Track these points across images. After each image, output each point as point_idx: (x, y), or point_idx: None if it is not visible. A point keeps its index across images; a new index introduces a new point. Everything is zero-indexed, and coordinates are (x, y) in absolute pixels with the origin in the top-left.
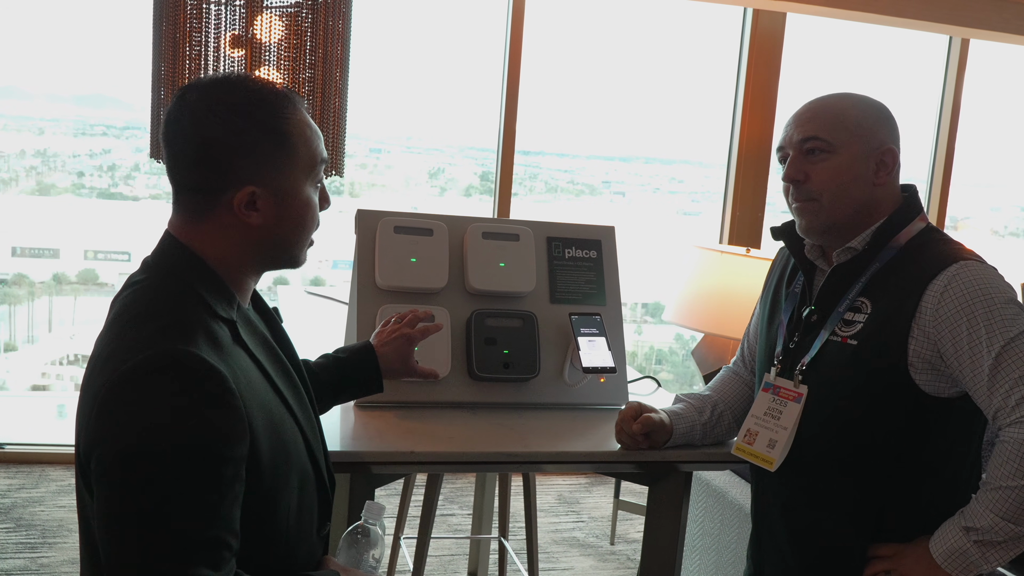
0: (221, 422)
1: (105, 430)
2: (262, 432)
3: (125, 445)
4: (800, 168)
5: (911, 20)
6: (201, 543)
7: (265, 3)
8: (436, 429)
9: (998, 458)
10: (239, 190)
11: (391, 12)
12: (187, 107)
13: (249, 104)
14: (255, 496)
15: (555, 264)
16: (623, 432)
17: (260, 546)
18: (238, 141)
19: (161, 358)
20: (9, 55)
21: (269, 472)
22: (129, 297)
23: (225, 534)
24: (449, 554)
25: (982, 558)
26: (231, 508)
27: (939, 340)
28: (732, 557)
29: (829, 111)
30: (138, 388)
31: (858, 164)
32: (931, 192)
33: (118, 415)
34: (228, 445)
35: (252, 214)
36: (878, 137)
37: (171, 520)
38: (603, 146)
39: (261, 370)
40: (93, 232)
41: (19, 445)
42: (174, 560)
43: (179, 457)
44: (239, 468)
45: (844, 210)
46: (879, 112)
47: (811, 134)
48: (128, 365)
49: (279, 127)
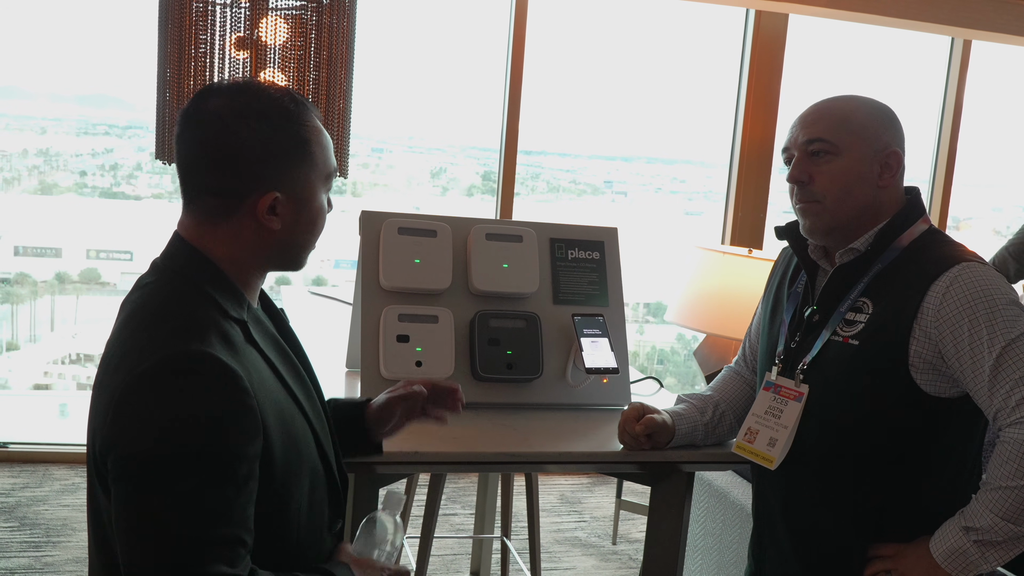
0: (237, 421)
1: (122, 431)
2: (274, 430)
3: (143, 445)
4: (805, 169)
5: (913, 21)
6: (217, 541)
7: (270, 5)
8: (439, 429)
9: (998, 458)
10: (263, 195)
11: (394, 12)
12: (211, 112)
13: (275, 111)
14: (267, 493)
15: (558, 265)
16: (626, 433)
17: (271, 541)
18: (265, 147)
19: (176, 359)
20: (11, 55)
21: (281, 469)
22: (140, 299)
23: (241, 531)
24: (452, 553)
25: (982, 558)
26: (246, 506)
27: (940, 341)
28: (734, 557)
29: (835, 113)
30: (154, 389)
31: (862, 166)
32: (933, 192)
33: (135, 416)
34: (243, 444)
35: (273, 219)
36: (883, 139)
37: (188, 518)
38: (605, 146)
39: (272, 369)
40: (95, 231)
41: (22, 444)
42: (191, 558)
43: (196, 456)
44: (253, 466)
45: (848, 212)
46: (884, 115)
47: (816, 136)
48: (143, 366)
49: (301, 134)
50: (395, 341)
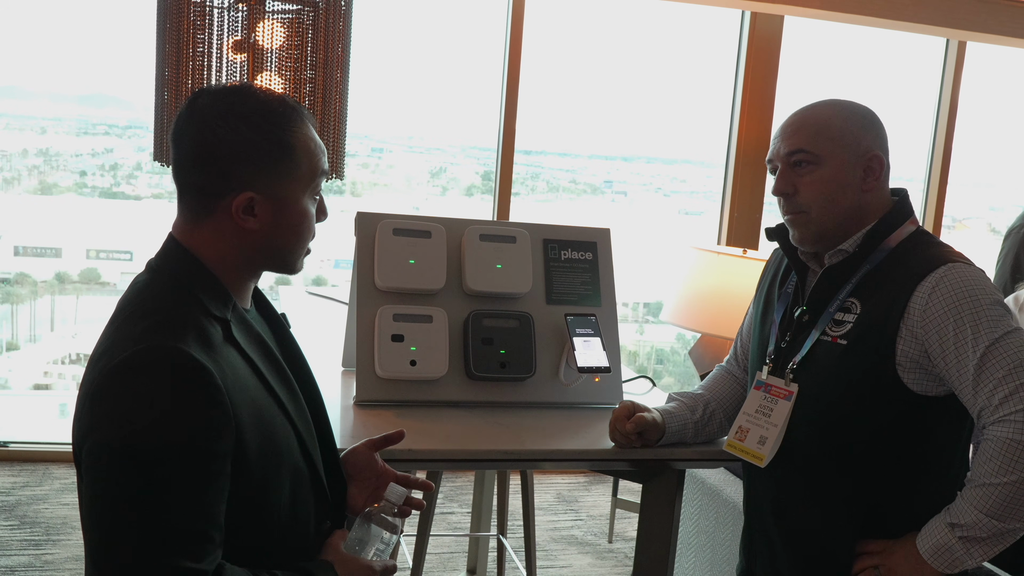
0: (206, 417)
1: (94, 422)
2: (250, 428)
3: (112, 437)
4: (789, 181)
5: (907, 23)
6: (183, 535)
7: (267, 8)
8: (434, 428)
9: (982, 456)
10: (238, 195)
11: (392, 12)
12: (197, 111)
13: (257, 113)
14: (244, 491)
15: (551, 265)
16: (616, 431)
17: (250, 539)
18: (242, 147)
19: (149, 353)
20: (11, 54)
21: (258, 467)
22: (127, 296)
23: (207, 527)
24: (448, 552)
25: (966, 554)
26: (215, 502)
27: (926, 340)
28: (726, 554)
29: (813, 122)
30: (126, 382)
31: (844, 173)
32: (928, 192)
33: (106, 408)
34: (212, 440)
35: (249, 219)
36: (863, 143)
37: (154, 512)
38: (604, 146)
39: (253, 368)
40: (95, 231)
41: (22, 443)
42: (156, 551)
43: (164, 450)
44: (224, 463)
45: (833, 219)
46: (863, 118)
47: (796, 147)
48: (117, 360)
49: (284, 138)
50: (390, 340)
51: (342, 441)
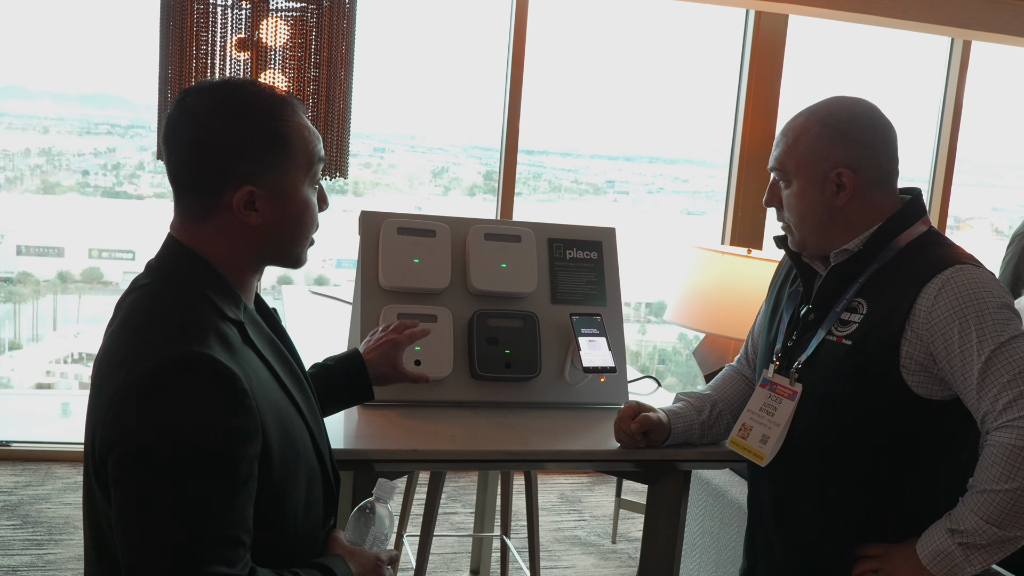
0: (236, 422)
1: (122, 431)
2: (273, 430)
3: (143, 446)
4: (774, 194)
5: (913, 22)
6: (217, 541)
7: (271, 6)
8: (438, 428)
9: (984, 461)
10: (237, 190)
11: (395, 11)
12: (187, 111)
13: (246, 107)
14: (266, 492)
15: (556, 265)
16: (621, 431)
17: (269, 540)
18: (235, 142)
19: (176, 360)
20: (14, 54)
21: (279, 469)
22: (136, 301)
23: (240, 532)
24: (452, 552)
25: (966, 560)
26: (245, 506)
27: (931, 343)
28: (731, 555)
29: (791, 136)
30: (154, 390)
31: (812, 190)
32: (933, 192)
33: (135, 417)
34: (243, 445)
35: (251, 214)
36: (829, 159)
37: (188, 519)
38: (607, 146)
39: (269, 369)
40: (98, 231)
41: (25, 443)
42: (191, 558)
43: (196, 458)
44: (252, 467)
45: (812, 232)
46: (836, 130)
47: (772, 163)
48: (143, 368)
49: (277, 129)
50: None
51: (344, 441)
